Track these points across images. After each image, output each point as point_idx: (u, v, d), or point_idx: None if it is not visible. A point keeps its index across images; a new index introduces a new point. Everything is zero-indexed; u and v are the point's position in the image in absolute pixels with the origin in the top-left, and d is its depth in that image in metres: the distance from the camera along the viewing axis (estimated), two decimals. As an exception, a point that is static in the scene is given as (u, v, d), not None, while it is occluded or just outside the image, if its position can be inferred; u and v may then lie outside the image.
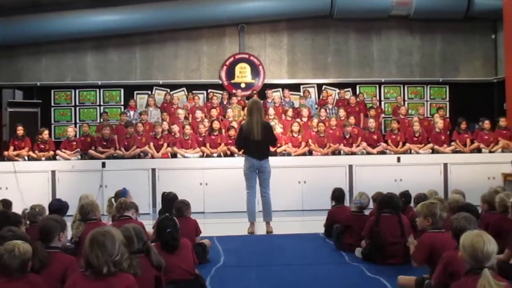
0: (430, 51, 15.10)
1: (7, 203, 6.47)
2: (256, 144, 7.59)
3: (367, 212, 6.60)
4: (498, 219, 5.43)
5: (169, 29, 14.19)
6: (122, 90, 14.42)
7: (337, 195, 7.18)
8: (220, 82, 14.50)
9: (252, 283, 5.09)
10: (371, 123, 11.62)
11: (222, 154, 10.84)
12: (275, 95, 13.59)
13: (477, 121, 11.85)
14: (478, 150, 11.24)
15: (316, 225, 7.86)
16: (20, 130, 10.74)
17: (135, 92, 14.32)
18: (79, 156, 10.82)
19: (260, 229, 7.88)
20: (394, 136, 11.51)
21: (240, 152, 8.60)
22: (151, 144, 10.95)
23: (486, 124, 11.48)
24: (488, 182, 9.76)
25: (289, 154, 10.84)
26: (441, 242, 4.28)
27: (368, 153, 11.04)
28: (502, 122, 11.50)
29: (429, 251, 4.35)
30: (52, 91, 14.26)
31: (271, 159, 9.91)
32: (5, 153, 10.64)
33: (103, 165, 10.33)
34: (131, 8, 13.77)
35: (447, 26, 14.91)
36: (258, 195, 7.98)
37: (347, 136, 11.24)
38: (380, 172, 10.45)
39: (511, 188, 7.39)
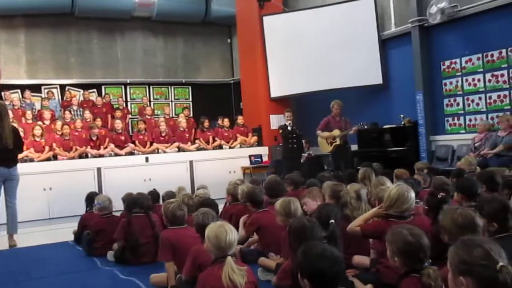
0: (173, 52, 15.66)
1: None
2: (5, 151, 6.96)
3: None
4: (240, 209, 5.95)
5: None
6: None
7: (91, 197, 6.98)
8: None
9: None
10: (118, 124, 11.57)
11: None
12: (13, 97, 12.56)
13: (217, 120, 12.69)
14: (220, 147, 12.06)
15: (66, 232, 7.54)
16: None
17: None
18: None
19: (3, 243, 7.24)
20: (141, 137, 11.66)
21: None
22: None
23: (226, 122, 12.39)
24: (229, 176, 10.59)
25: (31, 160, 10.14)
26: (180, 237, 4.47)
27: (117, 155, 10.98)
28: (240, 120, 12.55)
29: (170, 248, 4.44)
30: None
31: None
32: None
33: None
34: None
35: (188, 29, 15.64)
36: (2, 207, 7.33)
37: (94, 138, 10.99)
38: (129, 173, 10.49)
39: (249, 180, 8.13)
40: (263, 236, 5.15)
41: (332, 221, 3.83)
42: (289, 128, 10.47)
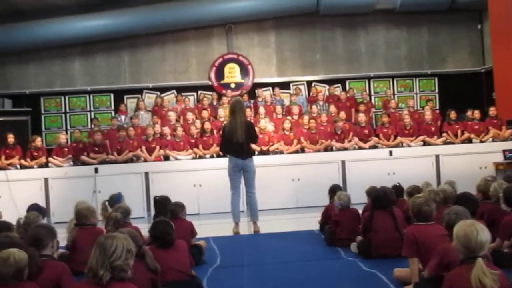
0: (417, 43, 15.16)
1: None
2: (239, 145, 7.55)
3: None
4: (492, 209, 5.47)
5: (155, 32, 14.15)
6: (111, 95, 14.37)
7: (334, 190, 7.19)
8: (210, 83, 14.48)
9: (250, 282, 5.09)
10: (362, 117, 11.65)
11: (214, 155, 10.82)
12: (265, 94, 13.61)
13: (466, 112, 11.90)
14: (469, 141, 11.30)
15: (311, 222, 7.88)
16: (10, 138, 10.70)
17: (125, 97, 14.26)
18: (71, 163, 10.75)
19: (249, 228, 7.92)
20: (385, 130, 11.57)
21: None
22: (143, 147, 10.88)
23: (476, 114, 11.56)
24: (480, 172, 9.82)
25: (281, 152, 10.85)
26: (425, 234, 4.31)
27: (360, 148, 11.07)
28: (492, 111, 11.54)
29: (414, 244, 4.33)
30: (42, 99, 14.22)
31: (264, 158, 9.96)
32: (-3, 162, 10.57)
33: (96, 170, 10.31)
34: (117, 12, 13.68)
35: (432, 18, 14.98)
36: (244, 195, 8.00)
37: (339, 132, 11.26)
38: (372, 166, 10.46)
39: (503, 176, 7.44)
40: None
41: None
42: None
